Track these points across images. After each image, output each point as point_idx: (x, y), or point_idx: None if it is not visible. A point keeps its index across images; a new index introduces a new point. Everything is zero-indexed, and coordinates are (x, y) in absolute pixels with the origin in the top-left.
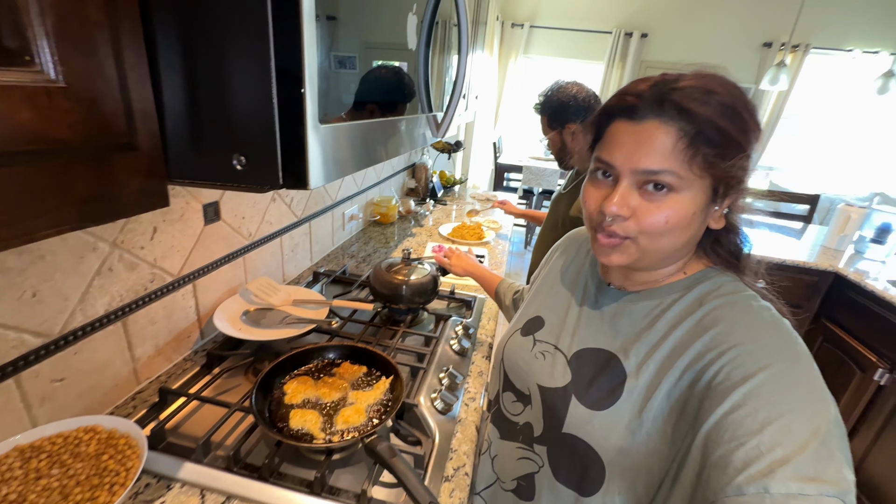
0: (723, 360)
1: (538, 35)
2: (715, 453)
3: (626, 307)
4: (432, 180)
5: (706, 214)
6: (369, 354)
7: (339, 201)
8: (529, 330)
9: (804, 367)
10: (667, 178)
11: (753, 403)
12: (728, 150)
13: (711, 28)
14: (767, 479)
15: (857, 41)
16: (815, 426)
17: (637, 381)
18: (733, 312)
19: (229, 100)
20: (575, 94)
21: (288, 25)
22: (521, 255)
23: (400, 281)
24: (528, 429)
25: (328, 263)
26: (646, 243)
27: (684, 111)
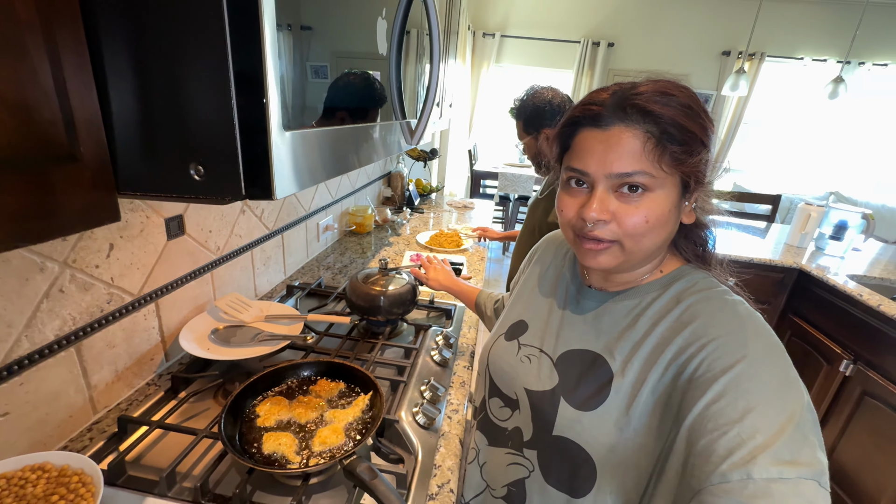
0: (703, 353)
1: (509, 44)
2: (699, 443)
3: (607, 307)
4: (408, 188)
5: (679, 210)
6: (347, 370)
7: (313, 212)
8: (513, 334)
9: (777, 357)
10: (640, 178)
11: (733, 394)
12: (692, 145)
13: (674, 37)
14: (749, 466)
15: (807, 50)
16: (789, 412)
17: (623, 380)
18: (710, 307)
19: (185, 107)
20: (550, 98)
21: (248, 33)
22: (500, 262)
23: (377, 292)
24: (518, 433)
25: (303, 276)
26: (630, 245)
27: (648, 113)
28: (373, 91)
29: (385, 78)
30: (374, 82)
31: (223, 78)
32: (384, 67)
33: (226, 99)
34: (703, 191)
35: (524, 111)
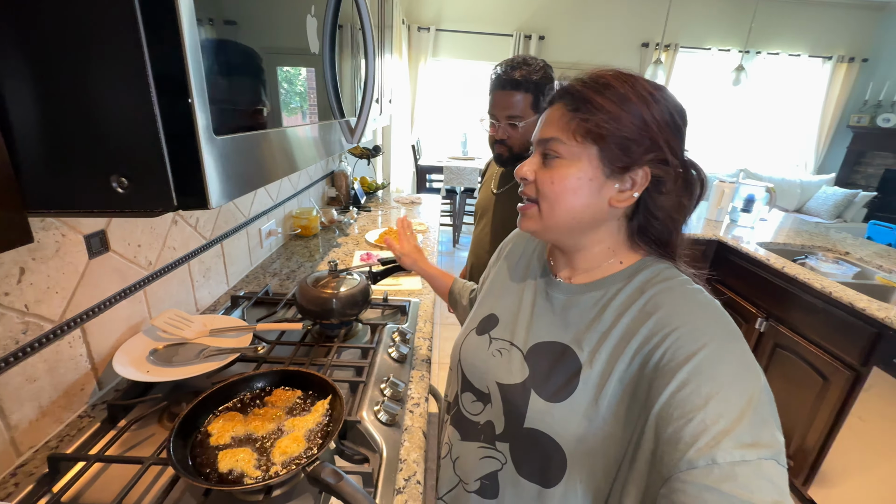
0: (667, 342)
1: (445, 38)
2: (666, 431)
3: (574, 299)
4: (353, 187)
5: (599, 187)
6: (303, 377)
7: (254, 217)
8: (484, 328)
9: (736, 344)
10: (555, 145)
11: (696, 381)
12: (595, 113)
13: (598, 30)
14: (714, 451)
15: (713, 41)
16: (749, 395)
17: (591, 370)
18: (672, 297)
19: (100, 114)
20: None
21: (165, 29)
22: (451, 255)
23: (329, 295)
24: (490, 427)
25: (248, 285)
26: (545, 208)
27: (567, 91)
28: (307, 90)
29: (319, 75)
30: (309, 81)
31: (141, 79)
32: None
33: (146, 103)
34: (656, 182)
35: (541, 84)
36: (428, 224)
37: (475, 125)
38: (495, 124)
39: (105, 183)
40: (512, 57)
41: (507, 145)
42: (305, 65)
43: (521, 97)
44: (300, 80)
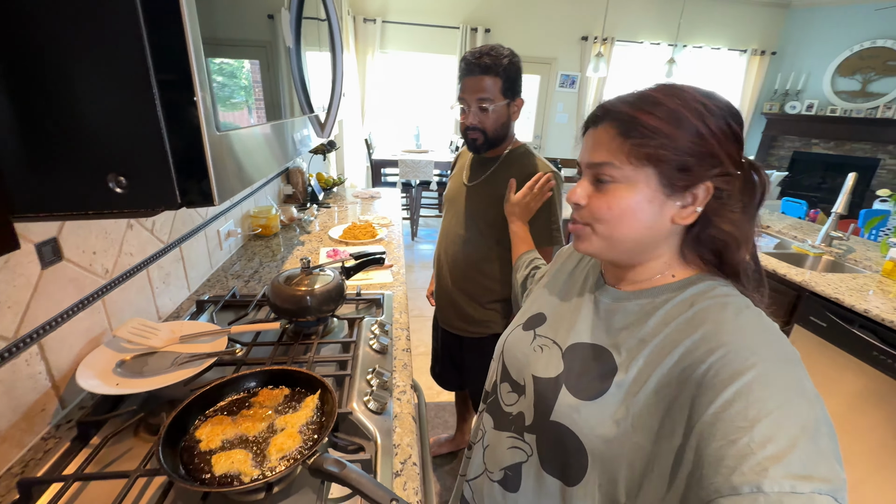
0: (713, 357)
1: (392, 30)
2: (707, 451)
3: (620, 305)
4: (310, 183)
5: (660, 207)
6: (288, 374)
7: (211, 219)
8: (531, 325)
9: (792, 367)
10: (608, 169)
11: (743, 401)
12: (650, 136)
13: (542, 24)
14: (761, 478)
15: (646, 35)
16: (803, 423)
17: (626, 376)
18: (723, 314)
19: (95, 112)
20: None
21: (168, 22)
22: (410, 248)
23: (304, 292)
24: (521, 418)
25: (211, 289)
26: (602, 231)
27: (611, 112)
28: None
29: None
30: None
31: (142, 75)
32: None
33: (148, 100)
34: (719, 194)
35: (510, 69)
36: (390, 218)
37: (428, 118)
38: (466, 110)
39: (101, 183)
40: (480, 46)
41: (481, 129)
42: (279, 60)
43: (491, 81)
44: (277, 76)
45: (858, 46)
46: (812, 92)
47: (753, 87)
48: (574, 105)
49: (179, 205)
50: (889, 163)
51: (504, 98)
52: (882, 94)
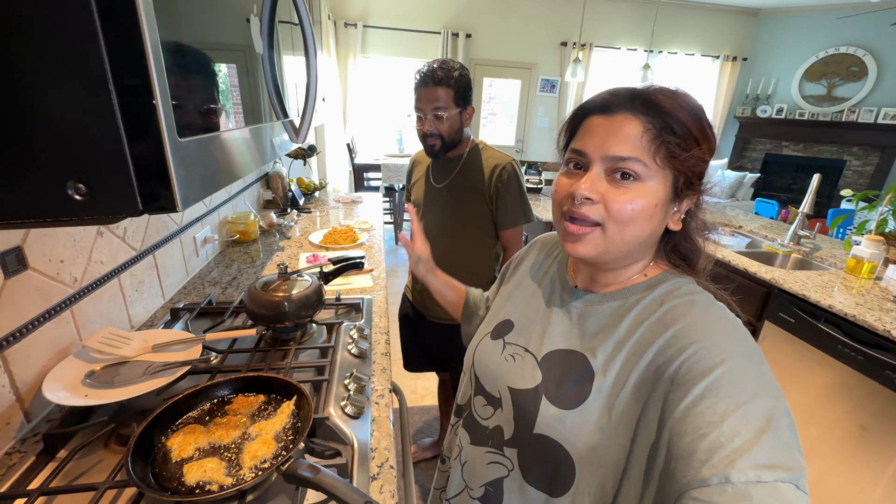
0: (684, 355)
1: (373, 35)
2: (679, 445)
3: (592, 308)
4: (290, 189)
5: (666, 212)
6: (264, 381)
7: (187, 225)
8: (499, 333)
9: (756, 362)
10: (634, 165)
11: (713, 397)
12: (688, 142)
13: (522, 29)
14: (728, 470)
15: (622, 41)
16: (767, 415)
17: (604, 379)
18: (692, 311)
19: (54, 118)
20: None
21: (123, 25)
22: (394, 252)
23: (281, 298)
24: (499, 432)
25: (187, 297)
26: (613, 232)
27: (653, 105)
28: (254, 91)
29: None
30: (254, 81)
31: (99, 79)
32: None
33: (106, 105)
34: (697, 203)
35: (460, 81)
36: (372, 222)
37: (410, 122)
38: (423, 118)
39: (60, 190)
40: (432, 61)
41: (438, 135)
42: (252, 65)
43: (444, 92)
44: (248, 79)
45: (823, 53)
46: (782, 96)
47: (726, 91)
48: (555, 109)
49: (141, 211)
50: (854, 164)
51: (456, 106)
52: (846, 99)
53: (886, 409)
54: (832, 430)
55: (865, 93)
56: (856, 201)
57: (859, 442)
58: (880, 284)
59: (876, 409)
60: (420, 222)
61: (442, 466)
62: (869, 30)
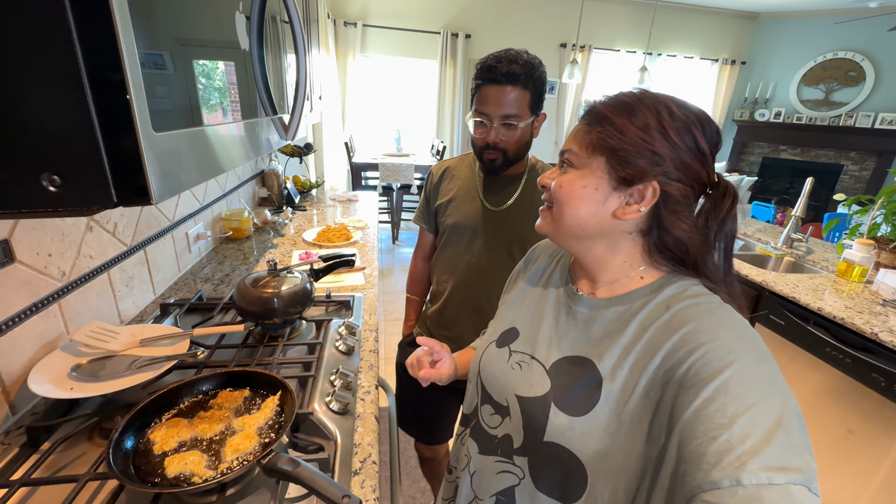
0: (692, 358)
1: (372, 34)
2: (688, 448)
3: (597, 313)
4: (286, 186)
5: (604, 197)
6: (249, 376)
7: (180, 220)
8: (504, 341)
9: (765, 363)
10: (568, 155)
11: (722, 399)
12: (605, 126)
13: (521, 30)
14: (739, 472)
15: (622, 43)
16: (777, 417)
17: (613, 384)
18: (698, 313)
19: (27, 110)
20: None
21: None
22: (391, 251)
23: (270, 294)
24: (508, 441)
25: (178, 292)
26: (555, 211)
27: (590, 108)
28: (238, 86)
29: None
30: (239, 77)
31: (73, 73)
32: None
33: (80, 99)
34: (665, 204)
35: (539, 81)
36: (367, 221)
37: (409, 122)
38: (486, 125)
39: (35, 181)
40: (504, 50)
41: (502, 149)
42: (236, 61)
43: (520, 94)
44: (231, 76)
45: (822, 57)
46: (780, 100)
47: (724, 94)
48: (553, 110)
49: (115, 204)
50: (851, 168)
51: (531, 114)
52: (844, 104)
53: (874, 412)
54: (821, 433)
55: (863, 98)
56: (848, 205)
57: (846, 445)
58: (871, 288)
59: (863, 412)
60: (464, 254)
61: (449, 477)
62: (867, 35)
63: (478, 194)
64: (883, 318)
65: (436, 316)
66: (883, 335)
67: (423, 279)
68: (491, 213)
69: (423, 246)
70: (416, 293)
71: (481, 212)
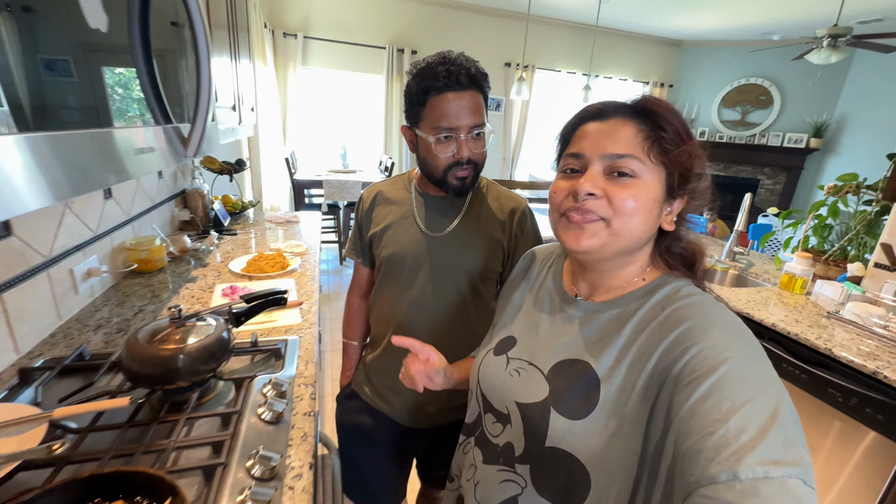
0: (687, 356)
1: (315, 46)
2: (686, 444)
3: (593, 316)
4: (213, 208)
5: (661, 209)
6: (125, 478)
7: (60, 255)
8: (502, 349)
9: (759, 360)
10: (630, 162)
11: (718, 395)
12: (677, 139)
13: (468, 48)
14: (736, 466)
15: (563, 64)
16: (772, 412)
17: (610, 386)
18: (693, 312)
19: None
20: None
21: None
22: (338, 273)
23: (172, 351)
24: (509, 449)
25: (53, 348)
26: (618, 225)
27: (643, 110)
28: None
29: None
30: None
31: None
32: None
33: None
34: (685, 208)
35: (488, 84)
36: (308, 244)
37: (355, 137)
38: (452, 138)
39: None
40: (440, 53)
41: (474, 163)
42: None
43: (480, 99)
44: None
45: (737, 82)
46: (703, 120)
47: None
48: (500, 127)
49: None
50: (766, 183)
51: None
52: (757, 124)
53: (831, 427)
54: None
55: (772, 119)
56: (781, 219)
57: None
58: (811, 299)
59: (822, 428)
60: (405, 292)
61: (451, 485)
62: (774, 64)
63: (415, 220)
64: (830, 332)
65: (376, 363)
66: (836, 350)
67: (362, 320)
68: (431, 239)
69: (358, 282)
70: (354, 337)
71: (420, 239)
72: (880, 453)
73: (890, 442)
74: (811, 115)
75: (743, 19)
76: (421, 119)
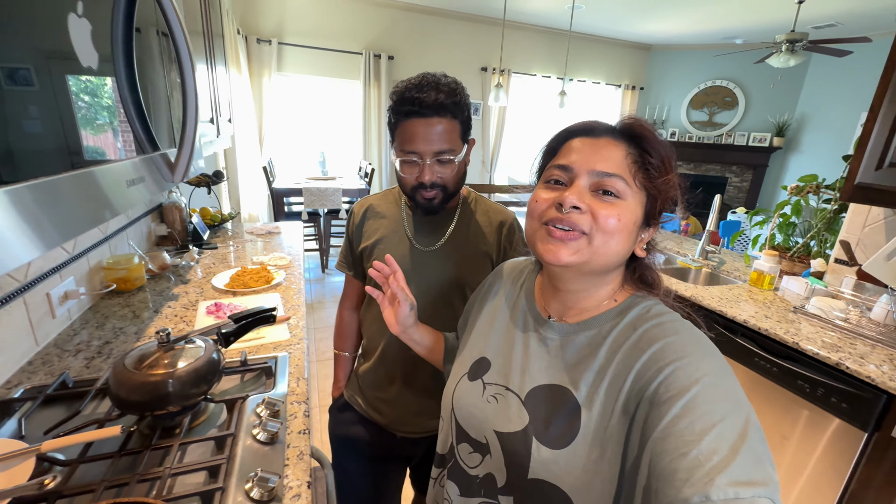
0: (661, 376)
1: (290, 52)
2: (660, 465)
3: (568, 339)
4: (191, 221)
5: (637, 233)
6: None
7: (35, 280)
8: (476, 373)
9: (727, 377)
10: (617, 183)
11: (691, 416)
12: (662, 168)
13: (444, 53)
14: (707, 488)
15: (538, 68)
16: (741, 431)
17: (591, 412)
18: (664, 332)
19: None
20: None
21: None
22: (321, 281)
23: (161, 376)
24: (490, 480)
25: (32, 376)
26: (599, 242)
27: (634, 134)
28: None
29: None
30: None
31: None
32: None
33: None
34: (656, 230)
35: (466, 108)
36: (292, 256)
37: (334, 143)
38: (417, 163)
39: None
40: (418, 76)
41: (440, 185)
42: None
43: (450, 125)
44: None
45: (704, 84)
46: (674, 121)
47: None
48: (479, 132)
49: None
50: (734, 181)
51: (463, 144)
52: (724, 125)
53: (800, 416)
54: None
55: (737, 120)
56: (749, 217)
57: (782, 451)
58: (778, 294)
59: (793, 418)
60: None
61: None
62: (738, 67)
63: (406, 234)
64: (797, 326)
65: (369, 375)
66: (803, 343)
67: (353, 332)
68: (422, 254)
69: (350, 295)
70: (346, 348)
71: (411, 254)
72: (845, 439)
73: (853, 428)
74: (774, 115)
75: (708, 24)
76: (394, 140)
